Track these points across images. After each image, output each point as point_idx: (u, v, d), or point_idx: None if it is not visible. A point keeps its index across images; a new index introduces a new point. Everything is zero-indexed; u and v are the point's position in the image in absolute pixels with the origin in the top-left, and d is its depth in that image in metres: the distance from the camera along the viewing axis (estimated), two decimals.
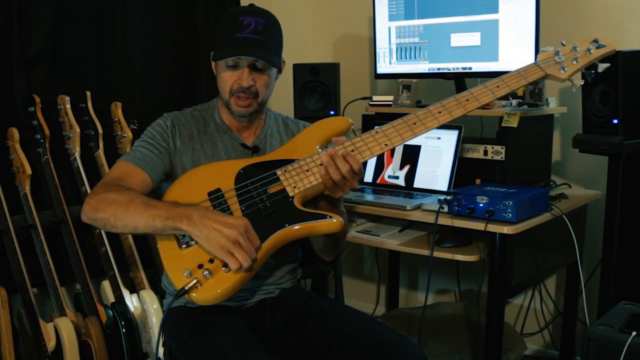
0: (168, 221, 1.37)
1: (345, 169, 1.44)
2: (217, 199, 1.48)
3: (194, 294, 1.36)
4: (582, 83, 1.58)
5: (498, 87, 1.54)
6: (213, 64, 1.67)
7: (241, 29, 1.54)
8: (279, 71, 1.69)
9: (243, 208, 1.46)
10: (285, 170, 1.51)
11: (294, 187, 1.48)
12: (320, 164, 1.47)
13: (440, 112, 1.53)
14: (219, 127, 1.69)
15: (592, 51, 1.56)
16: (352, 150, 1.48)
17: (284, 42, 1.67)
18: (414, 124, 1.53)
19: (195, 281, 1.36)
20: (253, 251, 1.35)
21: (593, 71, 1.59)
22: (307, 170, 1.49)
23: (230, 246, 1.33)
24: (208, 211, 1.38)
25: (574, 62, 1.55)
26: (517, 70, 1.56)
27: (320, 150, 1.54)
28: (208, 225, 1.34)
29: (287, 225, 1.44)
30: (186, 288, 1.35)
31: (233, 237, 1.33)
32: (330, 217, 1.44)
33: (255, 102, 1.62)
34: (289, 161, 1.52)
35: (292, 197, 1.48)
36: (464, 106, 1.53)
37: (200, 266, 1.39)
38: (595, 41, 1.57)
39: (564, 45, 1.57)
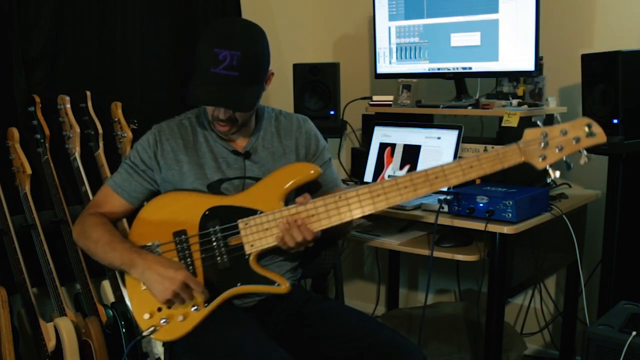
0: (123, 266, 1.54)
1: (300, 239, 1.51)
2: (181, 242, 1.58)
3: (154, 335, 1.53)
4: (558, 175, 1.48)
5: (471, 167, 1.48)
6: None
7: (216, 64, 1.49)
8: (266, 83, 1.65)
9: (203, 257, 1.57)
10: (246, 224, 1.56)
11: (252, 245, 1.56)
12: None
13: (406, 187, 1.50)
14: (209, 135, 1.70)
15: (580, 140, 1.44)
16: (313, 216, 1.52)
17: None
18: (378, 196, 1.52)
19: (152, 329, 1.52)
20: (196, 297, 1.50)
21: (571, 164, 1.47)
22: (267, 229, 1.54)
23: (170, 297, 1.48)
24: (153, 262, 1.49)
25: (557, 150, 1.45)
26: (497, 151, 1.48)
27: (283, 204, 1.57)
28: (150, 276, 1.49)
29: (238, 284, 1.55)
30: (143, 334, 1.52)
31: (172, 290, 1.47)
32: (279, 284, 1.54)
33: (235, 126, 1.63)
34: (253, 211, 1.56)
35: (248, 256, 1.55)
36: (431, 185, 1.50)
37: (159, 309, 1.54)
38: (589, 126, 1.44)
39: (558, 121, 1.46)
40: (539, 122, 1.45)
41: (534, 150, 1.45)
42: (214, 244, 1.56)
